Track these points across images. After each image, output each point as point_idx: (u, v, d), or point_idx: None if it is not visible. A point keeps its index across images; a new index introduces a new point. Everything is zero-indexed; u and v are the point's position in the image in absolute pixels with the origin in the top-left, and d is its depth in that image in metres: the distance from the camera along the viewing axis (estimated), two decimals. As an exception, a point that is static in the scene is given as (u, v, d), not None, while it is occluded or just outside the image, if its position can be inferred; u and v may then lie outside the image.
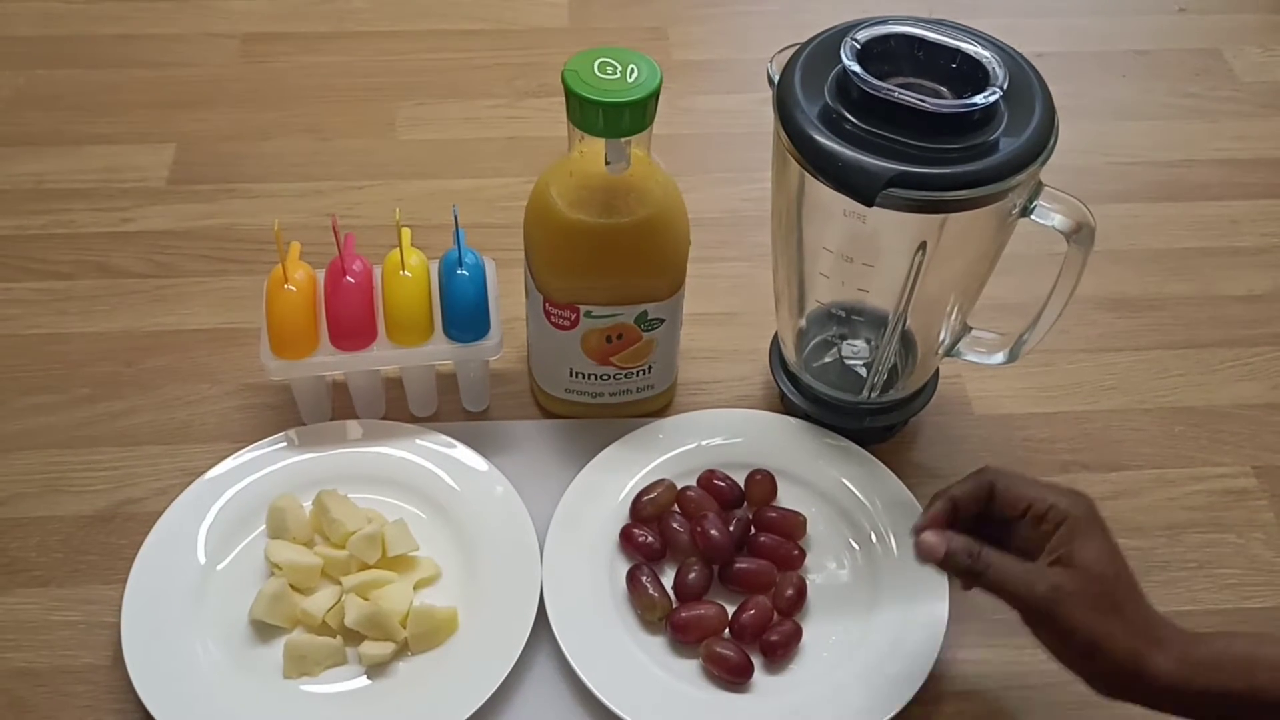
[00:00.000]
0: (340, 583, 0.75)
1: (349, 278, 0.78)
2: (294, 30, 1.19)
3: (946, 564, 0.65)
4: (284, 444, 0.82)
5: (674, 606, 0.75)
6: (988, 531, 0.66)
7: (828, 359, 0.86)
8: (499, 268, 0.82)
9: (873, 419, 0.83)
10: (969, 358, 0.81)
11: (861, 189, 0.65)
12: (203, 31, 1.18)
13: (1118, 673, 0.62)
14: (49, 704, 0.72)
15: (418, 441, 0.82)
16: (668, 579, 0.76)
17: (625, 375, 0.82)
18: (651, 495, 0.79)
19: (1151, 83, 1.17)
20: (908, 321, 0.78)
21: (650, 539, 0.77)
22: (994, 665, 0.75)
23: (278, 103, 1.11)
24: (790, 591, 0.75)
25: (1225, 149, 1.10)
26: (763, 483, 0.80)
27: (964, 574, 0.65)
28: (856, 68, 0.66)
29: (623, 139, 0.71)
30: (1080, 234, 0.70)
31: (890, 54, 0.68)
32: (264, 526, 0.78)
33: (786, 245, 0.78)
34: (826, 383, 0.84)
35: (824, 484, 0.81)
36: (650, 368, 0.82)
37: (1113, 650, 0.61)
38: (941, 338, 0.80)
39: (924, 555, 0.65)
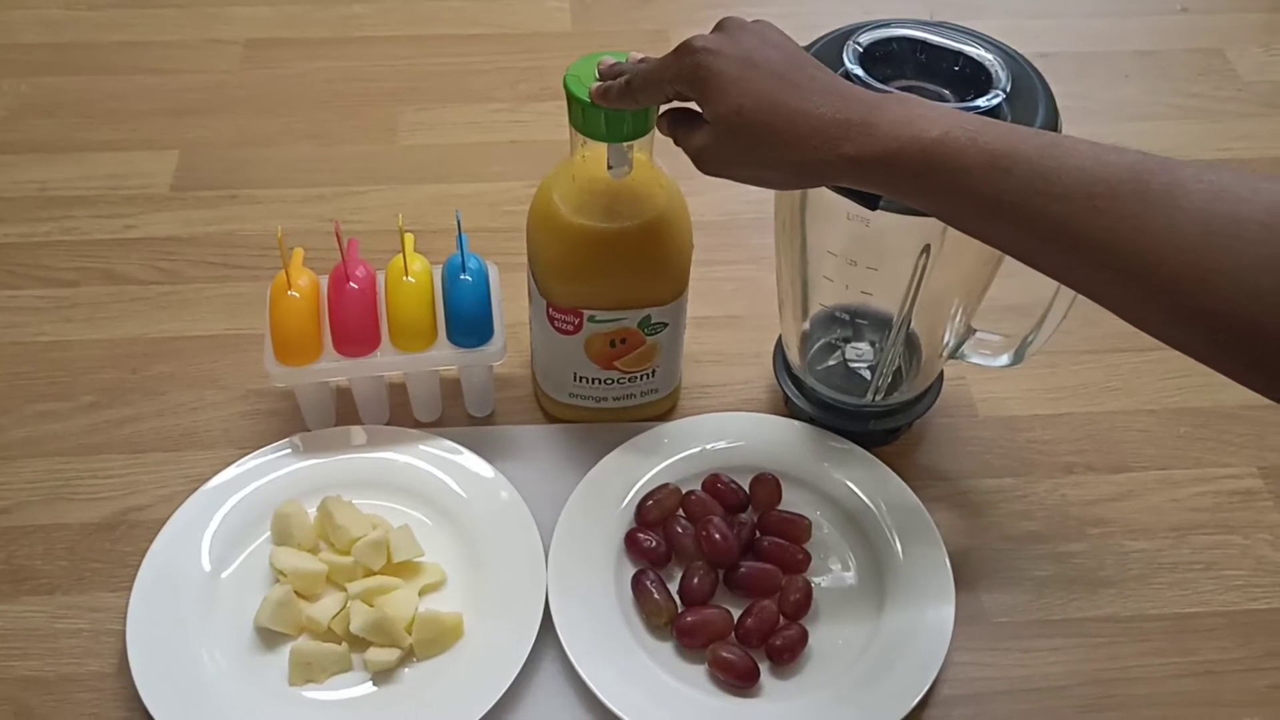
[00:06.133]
0: (345, 589, 0.75)
1: (352, 284, 0.78)
2: (297, 36, 1.19)
3: (604, 97, 0.66)
4: (288, 450, 0.82)
5: (679, 611, 0.74)
6: None
7: (832, 362, 0.86)
8: (502, 272, 0.82)
9: (877, 422, 0.83)
10: (974, 360, 0.81)
11: (865, 192, 0.65)
12: (206, 38, 1.18)
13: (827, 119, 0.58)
14: (55, 712, 0.72)
15: (422, 447, 0.82)
16: (673, 584, 0.76)
17: (629, 379, 0.82)
18: (656, 499, 0.79)
19: (1154, 83, 1.17)
20: (912, 324, 0.78)
21: (655, 543, 0.77)
22: (1000, 669, 0.75)
23: (281, 109, 1.11)
24: (796, 595, 0.75)
25: (1229, 149, 1.09)
26: (767, 486, 0.80)
27: (619, 96, 0.66)
28: (859, 71, 0.66)
29: (625, 143, 0.71)
30: (1084, 236, 0.70)
31: (893, 57, 0.68)
32: (269, 533, 0.78)
33: (790, 248, 0.78)
34: (831, 386, 0.84)
35: (829, 487, 0.81)
36: (654, 372, 0.82)
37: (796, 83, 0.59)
38: (946, 340, 0.80)
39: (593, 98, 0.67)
